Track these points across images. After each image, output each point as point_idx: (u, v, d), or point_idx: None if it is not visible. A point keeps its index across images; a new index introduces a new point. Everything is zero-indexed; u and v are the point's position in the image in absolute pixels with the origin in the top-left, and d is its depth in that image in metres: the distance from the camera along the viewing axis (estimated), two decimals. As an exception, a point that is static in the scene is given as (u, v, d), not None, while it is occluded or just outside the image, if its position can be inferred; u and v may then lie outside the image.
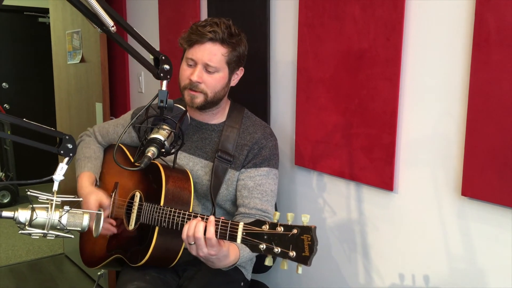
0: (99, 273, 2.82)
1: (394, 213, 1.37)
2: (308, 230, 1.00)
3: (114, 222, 1.50)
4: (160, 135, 1.15)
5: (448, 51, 1.19)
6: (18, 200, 4.82)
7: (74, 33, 3.05)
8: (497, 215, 1.12)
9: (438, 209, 1.25)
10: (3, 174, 5.07)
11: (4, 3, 5.14)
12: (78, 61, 3.02)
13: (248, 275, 1.57)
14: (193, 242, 1.16)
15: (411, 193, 1.32)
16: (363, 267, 1.48)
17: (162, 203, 1.36)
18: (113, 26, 0.98)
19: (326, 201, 1.59)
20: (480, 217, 1.16)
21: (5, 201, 4.72)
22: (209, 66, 1.40)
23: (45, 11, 5.13)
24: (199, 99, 1.44)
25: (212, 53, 1.39)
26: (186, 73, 1.43)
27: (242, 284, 1.52)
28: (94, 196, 1.46)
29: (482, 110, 1.11)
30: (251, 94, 1.79)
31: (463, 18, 1.15)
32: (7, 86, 5.41)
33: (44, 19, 5.40)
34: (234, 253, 1.26)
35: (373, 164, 1.38)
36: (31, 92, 5.54)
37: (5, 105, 5.34)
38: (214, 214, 1.49)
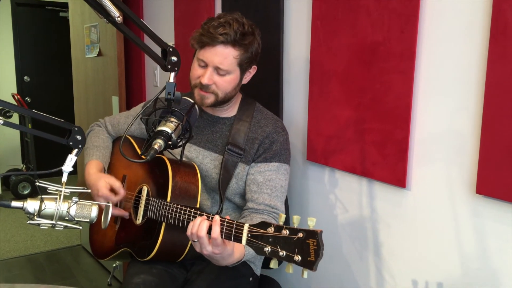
0: (114, 265, 2.85)
1: (407, 210, 1.34)
2: (314, 234, 0.97)
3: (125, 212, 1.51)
4: (167, 127, 1.14)
5: (464, 44, 1.15)
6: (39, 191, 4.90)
7: (92, 27, 3.07)
8: (513, 214, 1.08)
9: (451, 207, 1.22)
10: (24, 166, 5.16)
11: (26, -3, 5.22)
12: (96, 55, 3.04)
13: (257, 270, 1.56)
14: (196, 240, 1.15)
15: (424, 190, 1.29)
16: (374, 264, 1.45)
17: (169, 198, 1.35)
18: (119, 17, 0.97)
19: (338, 197, 1.56)
20: (495, 216, 1.12)
21: (25, 192, 4.80)
22: (220, 69, 1.37)
23: (65, 6, 5.20)
24: (210, 99, 1.42)
25: (223, 56, 1.36)
26: (197, 73, 1.41)
27: (251, 279, 1.51)
28: (103, 180, 1.46)
29: (498, 105, 1.07)
30: (263, 88, 1.77)
31: (480, 10, 1.10)
32: (28, 79, 5.51)
33: (65, 14, 5.46)
34: (239, 251, 1.25)
35: (386, 160, 1.35)
36: (51, 85, 5.63)
37: (27, 98, 5.43)
38: (222, 208, 1.49)
